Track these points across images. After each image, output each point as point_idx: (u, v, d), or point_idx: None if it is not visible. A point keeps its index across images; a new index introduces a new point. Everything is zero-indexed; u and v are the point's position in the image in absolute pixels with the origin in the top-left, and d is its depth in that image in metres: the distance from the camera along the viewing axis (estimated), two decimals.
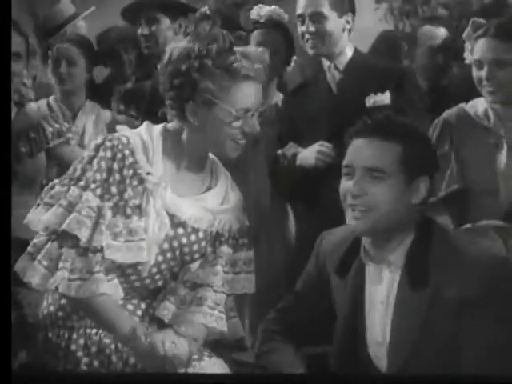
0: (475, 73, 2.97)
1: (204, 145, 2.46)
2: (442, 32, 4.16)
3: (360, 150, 2.35)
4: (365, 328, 2.42)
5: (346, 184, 2.36)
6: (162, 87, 2.45)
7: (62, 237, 2.35)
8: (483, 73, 2.93)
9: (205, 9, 2.46)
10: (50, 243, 2.36)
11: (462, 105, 3.07)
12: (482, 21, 2.98)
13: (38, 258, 2.35)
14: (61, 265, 2.33)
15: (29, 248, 2.38)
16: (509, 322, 2.28)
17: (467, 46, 3.02)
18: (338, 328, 2.47)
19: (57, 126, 3.37)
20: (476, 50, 2.95)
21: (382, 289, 2.39)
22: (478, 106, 3.02)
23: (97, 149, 2.40)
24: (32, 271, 2.34)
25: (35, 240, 2.39)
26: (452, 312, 2.28)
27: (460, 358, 2.29)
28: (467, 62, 3.03)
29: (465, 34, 3.01)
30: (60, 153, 3.41)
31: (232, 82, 2.38)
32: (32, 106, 3.61)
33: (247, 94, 2.41)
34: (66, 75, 3.95)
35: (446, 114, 3.07)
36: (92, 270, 2.34)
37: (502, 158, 2.94)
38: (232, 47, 2.40)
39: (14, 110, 3.32)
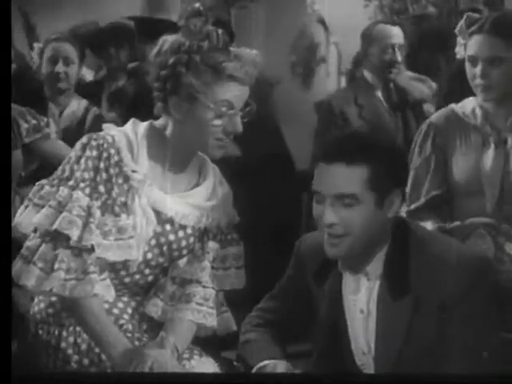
0: (468, 69, 2.91)
1: (187, 141, 2.44)
2: (395, 30, 4.24)
3: (326, 177, 2.27)
4: (348, 338, 2.39)
5: (317, 210, 2.30)
6: (150, 77, 2.44)
7: (56, 237, 2.35)
8: (477, 69, 2.88)
9: (198, 5, 2.44)
10: (44, 245, 2.36)
11: (453, 105, 3.03)
12: (476, 15, 2.94)
13: (34, 260, 2.34)
14: (57, 266, 2.33)
15: (22, 251, 2.38)
16: (491, 321, 2.29)
17: (459, 40, 2.99)
18: (320, 336, 2.45)
19: (33, 121, 3.31)
20: (470, 45, 2.89)
21: (360, 297, 2.36)
22: (467, 105, 2.98)
23: (83, 148, 2.40)
24: (27, 274, 2.33)
25: (28, 243, 2.38)
26: (435, 316, 2.27)
27: (446, 361, 2.27)
28: (458, 56, 3.01)
29: (457, 29, 2.95)
30: (40, 148, 3.36)
31: (216, 80, 2.36)
32: None
33: (229, 92, 2.38)
34: (63, 74, 3.96)
35: (435, 116, 3.02)
36: (87, 270, 2.34)
37: (489, 156, 2.90)
38: (226, 47, 2.38)
39: None
